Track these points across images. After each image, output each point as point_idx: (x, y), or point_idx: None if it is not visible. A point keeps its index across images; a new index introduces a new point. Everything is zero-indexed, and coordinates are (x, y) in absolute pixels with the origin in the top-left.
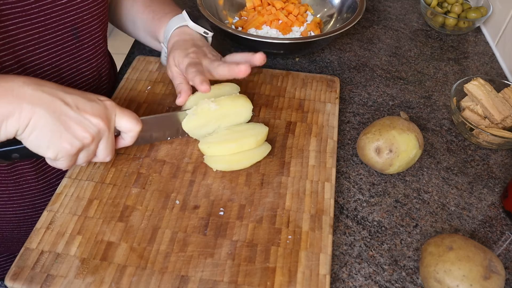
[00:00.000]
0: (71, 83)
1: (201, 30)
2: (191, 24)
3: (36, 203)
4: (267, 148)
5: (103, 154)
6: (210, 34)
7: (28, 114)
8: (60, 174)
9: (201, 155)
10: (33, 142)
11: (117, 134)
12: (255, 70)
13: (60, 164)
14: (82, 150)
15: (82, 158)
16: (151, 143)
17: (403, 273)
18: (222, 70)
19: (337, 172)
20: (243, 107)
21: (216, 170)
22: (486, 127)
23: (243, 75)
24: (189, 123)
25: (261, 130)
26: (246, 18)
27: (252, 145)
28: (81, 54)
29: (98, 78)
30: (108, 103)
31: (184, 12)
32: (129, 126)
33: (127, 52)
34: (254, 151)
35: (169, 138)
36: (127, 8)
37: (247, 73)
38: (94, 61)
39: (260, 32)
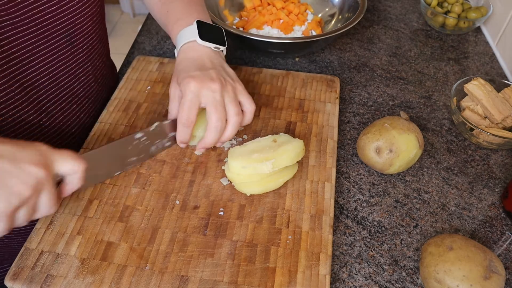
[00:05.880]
0: (67, 89)
1: (211, 45)
2: (200, 41)
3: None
4: (295, 166)
5: (46, 206)
6: (222, 48)
7: None
8: None
9: (201, 155)
10: None
11: (59, 180)
12: (255, 70)
13: None
14: (21, 207)
15: (21, 217)
16: (101, 182)
17: (403, 273)
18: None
19: (337, 172)
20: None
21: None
22: (486, 127)
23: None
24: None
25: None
26: (246, 18)
27: (288, 164)
28: (76, 59)
29: (94, 81)
30: (44, 148)
31: (195, 24)
32: (72, 167)
33: (127, 52)
34: (288, 168)
35: (117, 173)
36: (149, 1)
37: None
38: (89, 65)
39: (262, 32)
